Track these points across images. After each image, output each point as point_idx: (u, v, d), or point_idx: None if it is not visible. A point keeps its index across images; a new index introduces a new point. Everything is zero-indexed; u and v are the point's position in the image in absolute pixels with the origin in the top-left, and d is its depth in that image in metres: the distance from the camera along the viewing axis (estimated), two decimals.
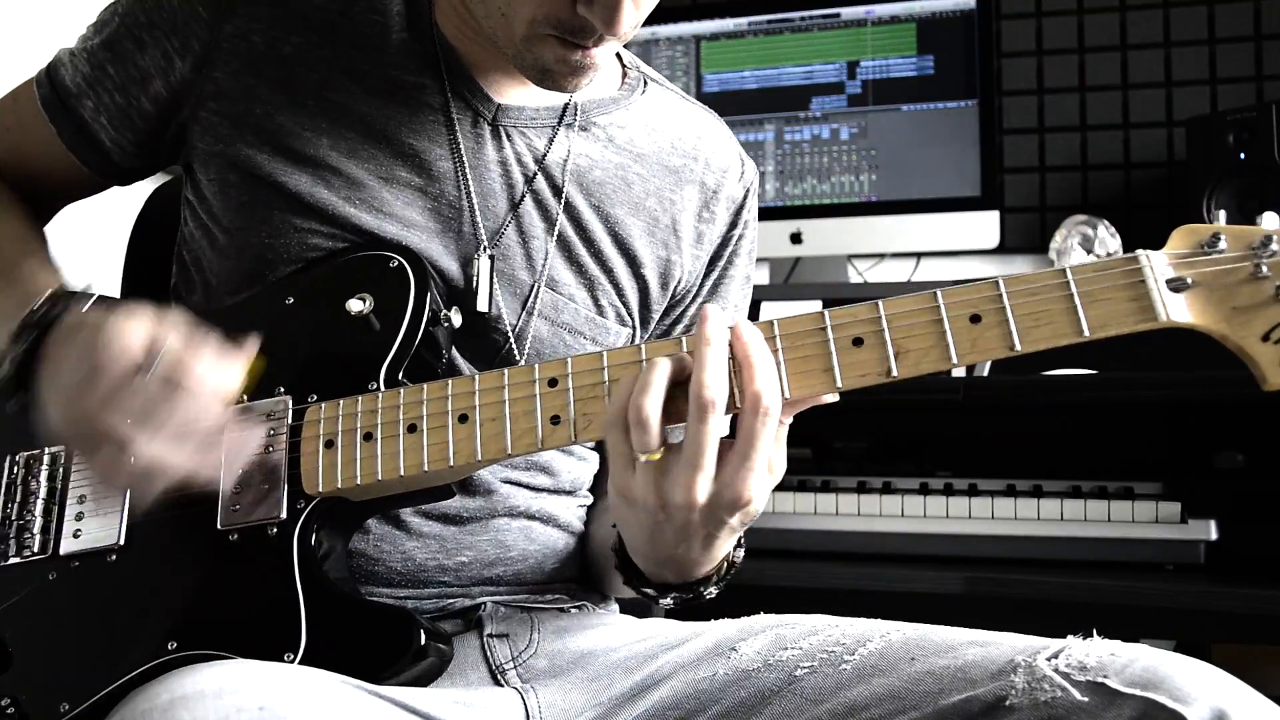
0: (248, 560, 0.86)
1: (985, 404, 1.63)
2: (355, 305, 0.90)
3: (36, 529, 0.92)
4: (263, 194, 0.94)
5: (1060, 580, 1.48)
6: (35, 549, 0.92)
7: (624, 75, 1.07)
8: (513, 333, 0.96)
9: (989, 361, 1.73)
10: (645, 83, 1.07)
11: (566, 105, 1.01)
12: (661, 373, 0.74)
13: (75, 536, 0.91)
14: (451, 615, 0.96)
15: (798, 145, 2.07)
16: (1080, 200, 2.14)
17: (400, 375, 0.89)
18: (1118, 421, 1.67)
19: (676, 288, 1.05)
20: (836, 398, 0.77)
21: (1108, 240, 1.88)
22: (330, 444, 0.86)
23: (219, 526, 0.87)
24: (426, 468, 0.83)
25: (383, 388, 0.87)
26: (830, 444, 1.77)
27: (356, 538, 0.93)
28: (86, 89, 0.99)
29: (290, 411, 0.88)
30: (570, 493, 1.04)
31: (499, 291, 0.96)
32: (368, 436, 0.85)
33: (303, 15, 0.96)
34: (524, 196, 0.97)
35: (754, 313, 1.34)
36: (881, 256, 2.18)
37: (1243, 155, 1.73)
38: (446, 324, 0.92)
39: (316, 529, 0.86)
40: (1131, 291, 0.74)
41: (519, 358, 0.96)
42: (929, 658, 0.83)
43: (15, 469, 0.95)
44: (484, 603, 0.96)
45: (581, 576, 1.06)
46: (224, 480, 0.88)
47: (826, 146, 2.06)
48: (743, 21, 2.11)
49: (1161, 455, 1.63)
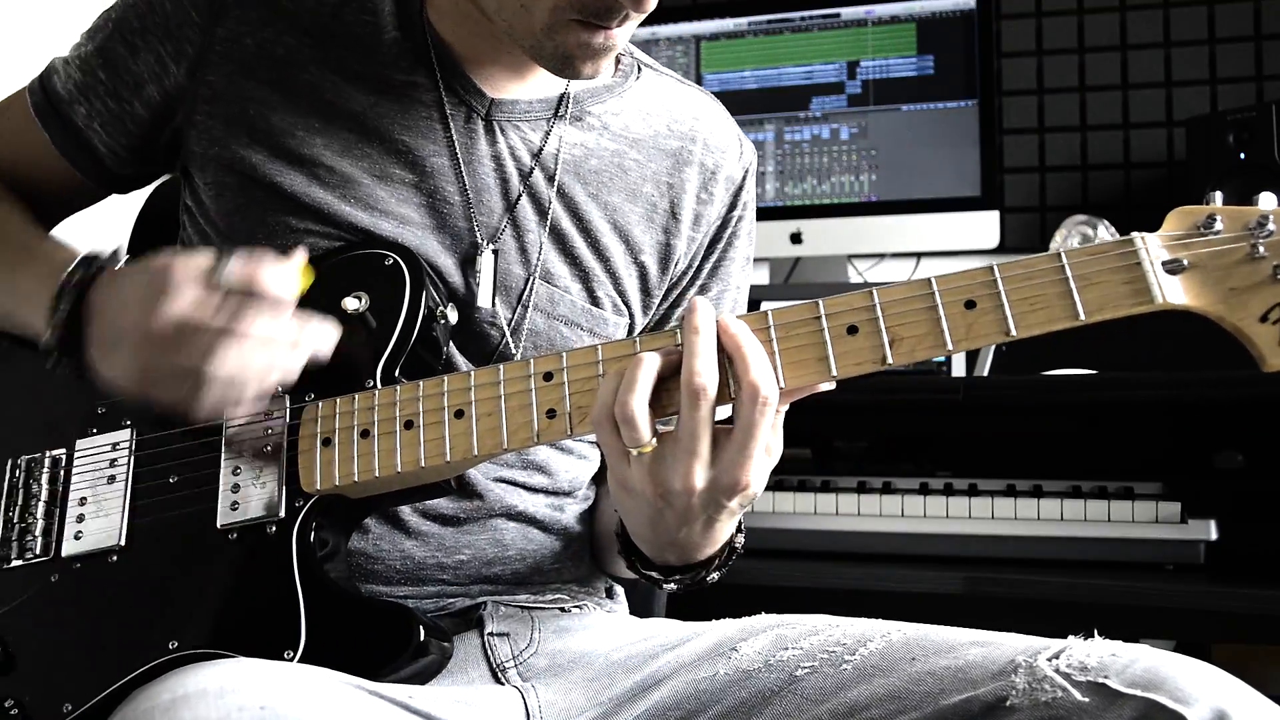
0: (247, 559, 0.86)
1: (985, 404, 1.63)
2: (351, 304, 0.90)
3: (38, 531, 0.93)
4: (258, 195, 0.94)
5: (1060, 580, 1.48)
6: (37, 551, 0.92)
7: (618, 62, 1.07)
8: (509, 327, 0.96)
9: (989, 361, 1.74)
10: (639, 69, 1.07)
11: (560, 97, 1.01)
12: (647, 369, 0.76)
13: (77, 538, 0.91)
14: (452, 615, 0.96)
15: (798, 145, 2.07)
16: (1080, 200, 2.14)
17: (397, 372, 0.89)
18: (1118, 421, 1.67)
19: (675, 270, 1.05)
20: (833, 385, 0.77)
21: (1107, 240, 1.88)
22: (328, 442, 0.86)
23: (218, 525, 0.87)
24: (423, 463, 0.83)
25: (379, 385, 0.87)
26: (830, 444, 1.77)
27: (356, 537, 0.93)
28: (79, 95, 1.00)
29: (288, 410, 0.89)
30: (569, 493, 1.04)
31: (496, 286, 0.96)
32: (365, 434, 0.85)
33: (295, 17, 0.97)
34: (519, 192, 0.98)
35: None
36: (881, 256, 2.18)
37: (1243, 155, 1.73)
38: (443, 321, 0.93)
39: (315, 527, 0.86)
40: (1127, 274, 0.74)
41: (515, 352, 0.96)
42: (929, 658, 0.83)
43: (16, 472, 0.95)
44: (484, 602, 0.97)
45: (582, 577, 1.05)
46: (223, 479, 0.88)
47: (826, 146, 2.06)
48: (743, 21, 2.10)
49: (1161, 455, 1.63)
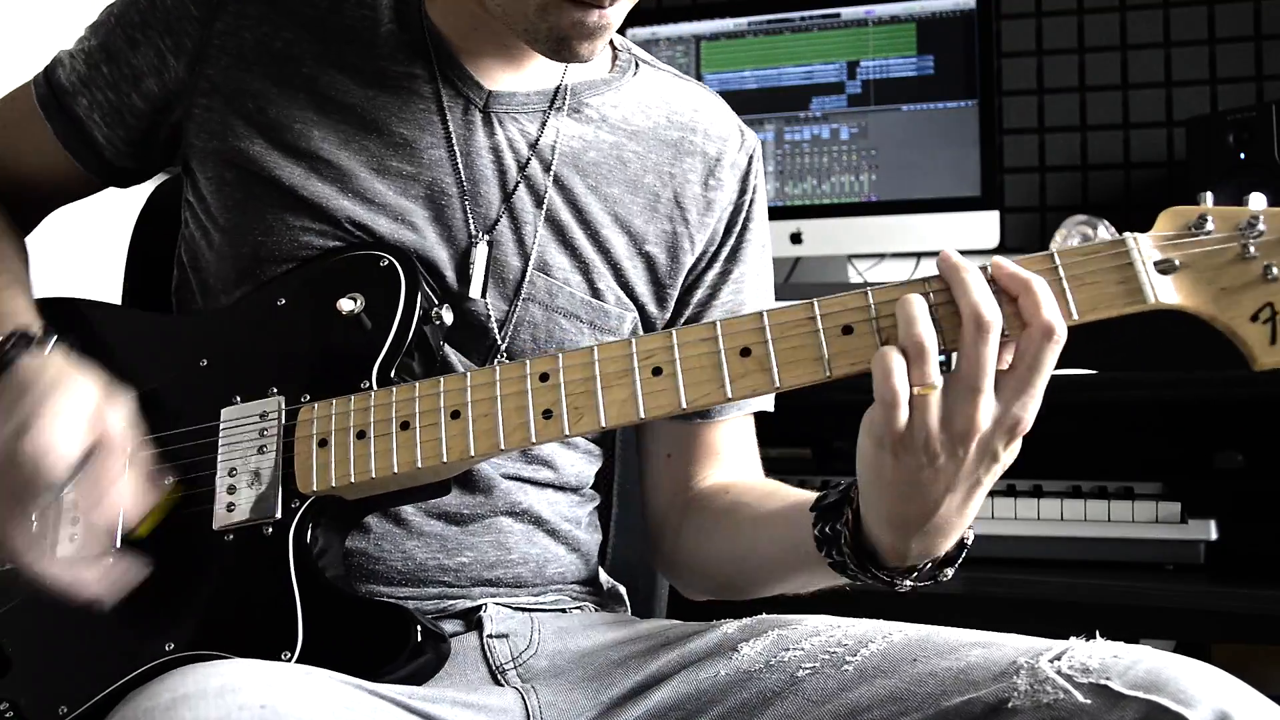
0: (244, 560, 0.86)
1: None
2: (346, 305, 0.90)
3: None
4: (257, 190, 0.95)
5: (1060, 580, 1.48)
6: None
7: (615, 58, 1.07)
8: (506, 319, 0.96)
9: None
10: (637, 64, 1.07)
11: (557, 89, 1.01)
12: (921, 304, 0.73)
13: (71, 541, 0.90)
14: (452, 616, 0.96)
15: (798, 145, 2.07)
16: (1080, 200, 2.14)
17: (392, 373, 0.89)
18: (1118, 421, 1.67)
19: (696, 262, 1.05)
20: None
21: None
22: (324, 443, 0.86)
23: (215, 527, 0.87)
24: (420, 464, 0.83)
25: (375, 386, 0.87)
26: (830, 444, 1.77)
27: (357, 536, 0.93)
28: (81, 87, 1.00)
29: (283, 412, 0.89)
30: (575, 489, 1.04)
31: (491, 278, 0.96)
32: (361, 435, 0.85)
33: (293, 11, 0.97)
34: (517, 183, 0.98)
35: None
36: (881, 256, 2.18)
37: (1243, 155, 1.73)
38: (438, 322, 0.92)
39: (312, 528, 0.86)
40: (1119, 274, 0.74)
41: (501, 344, 0.96)
42: (931, 659, 0.83)
43: None
44: (485, 604, 0.96)
45: (583, 578, 1.05)
46: (219, 481, 0.88)
47: (826, 146, 2.05)
48: (743, 21, 2.10)
49: (1161, 455, 1.63)
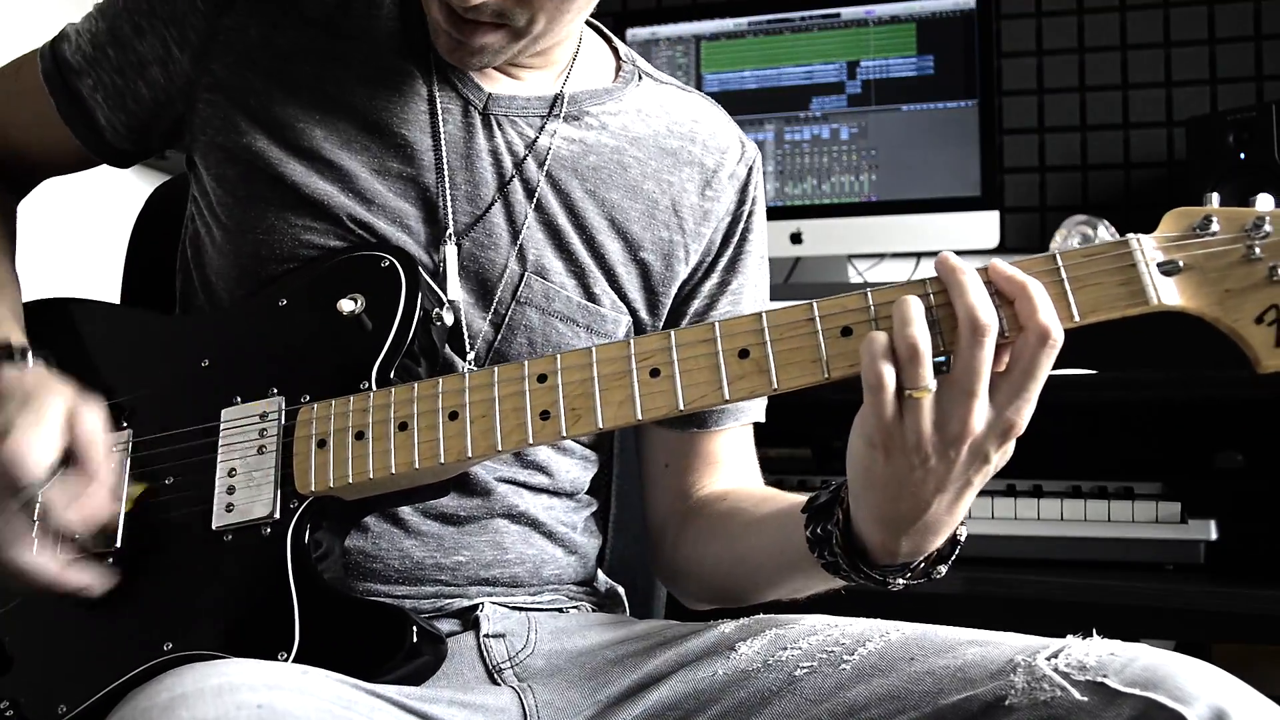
0: (242, 560, 0.86)
1: None
2: (347, 306, 0.90)
3: (34, 534, 0.93)
4: (259, 189, 0.95)
5: (1060, 580, 1.48)
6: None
7: (618, 69, 1.07)
8: (501, 322, 0.96)
9: None
10: (640, 76, 1.07)
11: (558, 96, 1.01)
12: (918, 305, 0.73)
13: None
14: (449, 615, 0.96)
15: (798, 145, 2.07)
16: (1080, 200, 2.14)
17: (392, 375, 0.89)
18: (1118, 421, 1.67)
19: (692, 272, 1.05)
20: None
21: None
22: (322, 443, 0.86)
23: (214, 527, 0.87)
24: (417, 465, 0.83)
25: (374, 387, 0.87)
26: (830, 444, 1.77)
27: (355, 535, 0.93)
28: (87, 66, 1.01)
29: (283, 412, 0.89)
30: (570, 495, 1.04)
31: (489, 281, 0.96)
32: (359, 435, 0.85)
33: (299, 10, 0.97)
34: (511, 179, 0.98)
35: None
36: (881, 256, 2.18)
37: (1243, 155, 1.73)
38: (438, 324, 0.93)
39: (310, 528, 0.86)
40: (1122, 276, 0.73)
41: (472, 346, 0.96)
42: (928, 657, 0.83)
43: None
44: (481, 603, 0.96)
45: (580, 579, 1.05)
46: (218, 481, 0.88)
47: (826, 146, 2.06)
48: (743, 21, 2.10)
49: (1161, 455, 1.63)
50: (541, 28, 0.89)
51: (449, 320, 0.94)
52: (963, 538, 0.83)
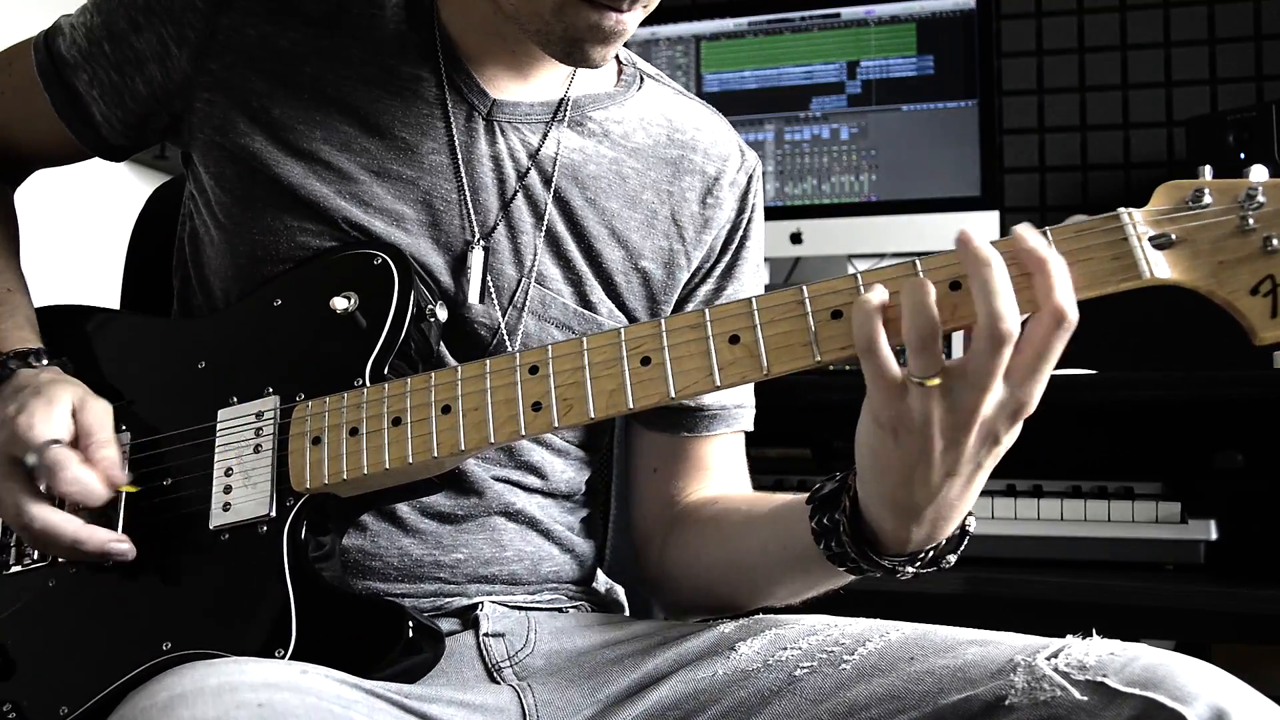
0: (239, 559, 0.86)
1: None
2: (340, 303, 0.90)
3: None
4: (257, 189, 0.95)
5: (1060, 580, 1.48)
6: (35, 557, 0.92)
7: (620, 72, 1.07)
8: (504, 329, 0.96)
9: None
10: (641, 79, 1.07)
11: (561, 101, 1.00)
12: (929, 293, 0.70)
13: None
14: (449, 614, 0.96)
15: (798, 145, 2.07)
16: (1080, 200, 2.14)
17: (386, 371, 0.89)
18: (1118, 421, 1.67)
19: (690, 277, 1.05)
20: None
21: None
22: (317, 441, 0.86)
23: (211, 527, 0.87)
24: (411, 460, 0.83)
25: (369, 384, 0.87)
26: (830, 444, 1.77)
27: (354, 534, 0.93)
28: (83, 62, 1.00)
29: (278, 410, 0.89)
30: (566, 496, 1.04)
31: (489, 286, 0.96)
32: (354, 432, 0.85)
33: (300, 8, 0.97)
34: (515, 192, 0.98)
35: None
36: (881, 256, 2.18)
37: (1243, 155, 1.73)
38: (432, 319, 0.93)
39: (307, 526, 0.86)
40: (1113, 250, 0.72)
41: (510, 352, 0.96)
42: (928, 657, 0.83)
43: None
44: (481, 602, 0.96)
45: (579, 578, 1.05)
46: (215, 481, 0.89)
47: (826, 146, 2.06)
48: (743, 21, 2.10)
49: (1161, 455, 1.63)
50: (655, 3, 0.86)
51: (443, 316, 0.94)
52: (972, 528, 0.82)
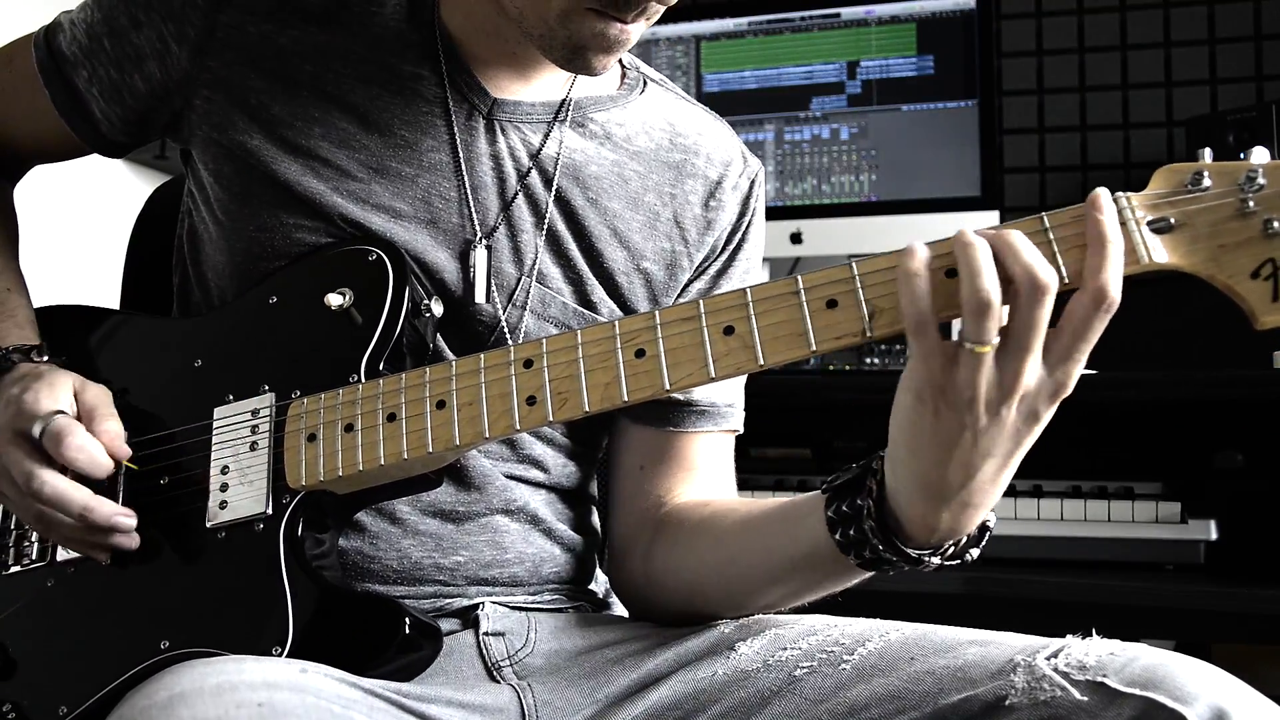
0: (236, 557, 0.86)
1: None
2: (335, 300, 0.90)
3: (34, 537, 0.94)
4: (255, 186, 0.95)
5: (1060, 580, 1.48)
6: (34, 557, 0.93)
7: (623, 76, 1.07)
8: (505, 327, 0.96)
9: None
10: (644, 83, 1.07)
11: (563, 102, 1.00)
12: (988, 255, 0.70)
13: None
14: (449, 615, 0.96)
15: (798, 145, 2.07)
16: (1080, 200, 2.13)
17: (381, 366, 0.89)
18: (1118, 421, 1.67)
19: (686, 276, 1.05)
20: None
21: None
22: (313, 437, 0.86)
23: (208, 525, 0.88)
24: (406, 455, 0.83)
25: (364, 380, 0.87)
26: (830, 444, 1.77)
27: (353, 535, 0.93)
28: (83, 59, 1.00)
29: (274, 408, 0.89)
30: (567, 490, 1.04)
31: (490, 285, 0.96)
32: (349, 428, 0.85)
33: (300, 6, 0.96)
34: (516, 191, 0.97)
35: None
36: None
37: (1242, 155, 1.73)
38: (428, 315, 0.92)
39: (303, 523, 0.86)
40: None
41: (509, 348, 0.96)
42: (928, 657, 0.83)
43: None
44: (481, 602, 0.96)
45: (579, 578, 1.05)
46: (212, 480, 0.89)
47: (826, 146, 2.06)
48: (743, 21, 2.10)
49: (1161, 455, 1.63)
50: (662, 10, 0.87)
51: (438, 312, 0.93)
52: (993, 524, 0.81)
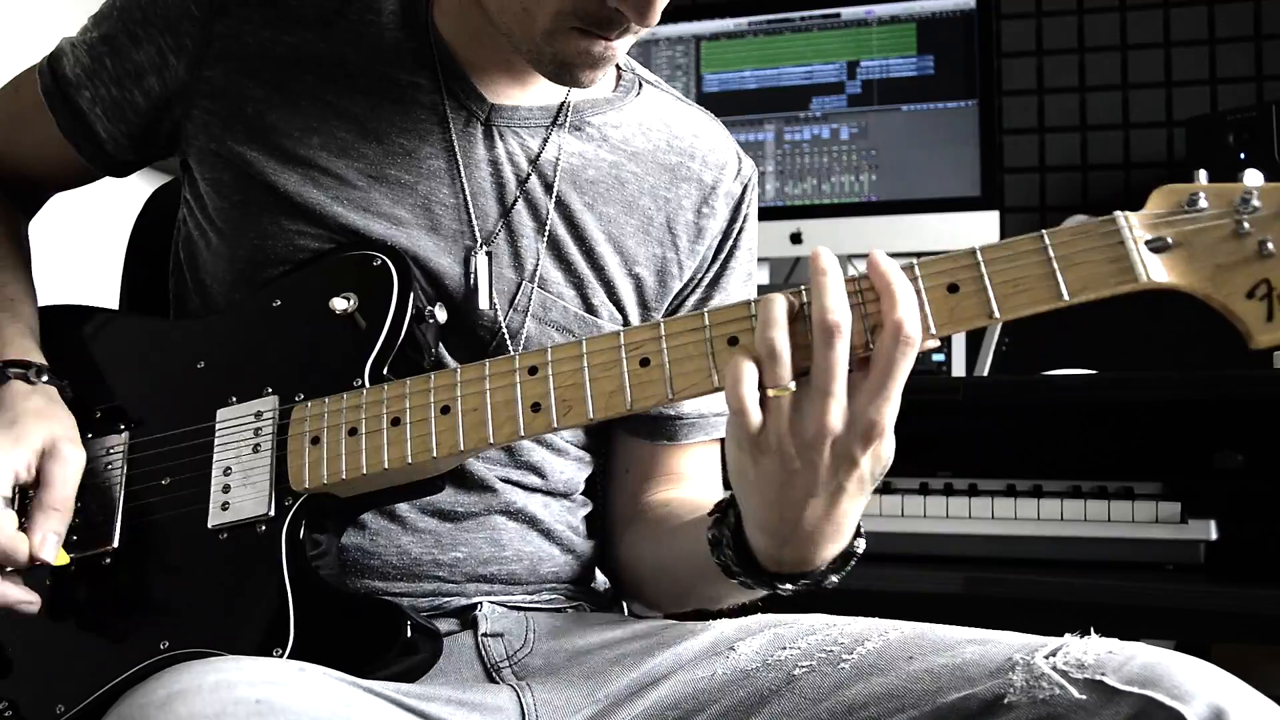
0: (237, 558, 0.86)
1: (985, 404, 1.63)
2: (339, 304, 0.90)
3: None
4: (254, 194, 0.95)
5: (1060, 580, 1.48)
6: None
7: (619, 77, 1.07)
8: (506, 332, 0.96)
9: (989, 361, 1.74)
10: (640, 85, 1.07)
11: (560, 106, 1.01)
12: (780, 307, 0.75)
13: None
14: (448, 614, 0.96)
15: (798, 145, 2.07)
16: (1080, 200, 2.14)
17: (385, 371, 0.89)
18: (1118, 421, 1.67)
19: (682, 288, 1.05)
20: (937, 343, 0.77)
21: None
22: (316, 440, 0.86)
23: (209, 526, 0.87)
24: (410, 460, 0.83)
25: (368, 384, 0.87)
26: None
27: (353, 533, 0.93)
28: (85, 80, 1.01)
29: (277, 411, 0.89)
30: (565, 495, 1.04)
31: (491, 290, 0.96)
32: (353, 432, 0.85)
33: (297, 15, 0.97)
34: (515, 196, 0.98)
35: None
36: None
37: (1243, 155, 1.73)
38: (431, 320, 0.93)
39: (305, 526, 0.86)
40: (1110, 253, 0.73)
41: (512, 354, 0.96)
42: (927, 656, 0.83)
43: None
44: (480, 602, 0.96)
45: (578, 578, 1.05)
46: (214, 481, 0.89)
47: (826, 146, 2.06)
48: (743, 21, 2.10)
49: (1161, 455, 1.63)
50: (654, 23, 0.87)
51: (442, 318, 0.94)
52: (860, 550, 0.83)
